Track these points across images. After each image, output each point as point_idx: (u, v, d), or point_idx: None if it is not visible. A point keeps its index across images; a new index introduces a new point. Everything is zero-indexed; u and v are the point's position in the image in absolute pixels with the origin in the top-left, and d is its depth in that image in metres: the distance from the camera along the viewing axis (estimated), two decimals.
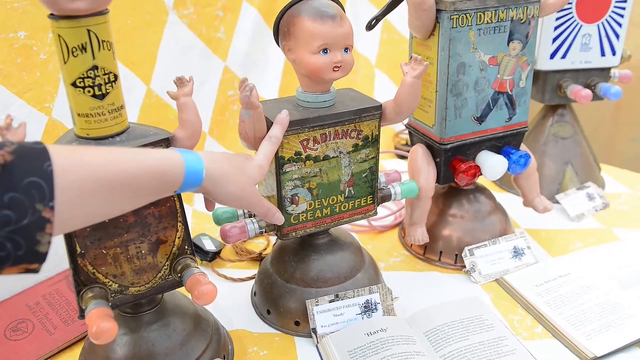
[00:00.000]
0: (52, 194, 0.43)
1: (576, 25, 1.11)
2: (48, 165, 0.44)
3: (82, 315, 0.62)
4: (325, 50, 0.71)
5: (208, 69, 1.27)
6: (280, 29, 0.74)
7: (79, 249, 0.61)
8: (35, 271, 0.45)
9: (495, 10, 0.85)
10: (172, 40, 1.18)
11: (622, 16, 1.13)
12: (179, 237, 0.68)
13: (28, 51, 0.93)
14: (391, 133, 1.53)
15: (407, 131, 1.51)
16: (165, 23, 1.17)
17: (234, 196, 0.62)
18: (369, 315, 0.82)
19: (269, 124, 0.72)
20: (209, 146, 1.27)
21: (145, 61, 1.14)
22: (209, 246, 1.03)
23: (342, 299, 0.82)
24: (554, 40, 1.12)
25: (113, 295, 0.65)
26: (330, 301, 0.81)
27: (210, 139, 1.28)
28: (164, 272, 0.68)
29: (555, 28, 1.11)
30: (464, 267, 0.97)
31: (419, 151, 0.95)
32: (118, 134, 0.62)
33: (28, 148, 0.44)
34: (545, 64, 1.14)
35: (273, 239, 1.09)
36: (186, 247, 0.69)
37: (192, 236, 0.72)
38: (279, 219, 0.72)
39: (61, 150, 0.46)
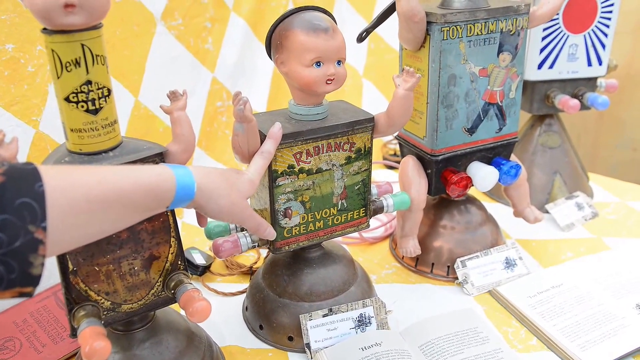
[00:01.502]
0: (44, 215, 0.43)
1: (563, 36, 1.13)
2: (39, 186, 0.43)
3: (73, 334, 0.61)
4: (318, 63, 0.71)
5: (196, 80, 1.27)
6: (273, 42, 0.74)
7: (71, 266, 0.61)
8: (29, 295, 0.44)
9: (485, 22, 0.86)
10: (160, 51, 1.18)
11: (607, 26, 1.15)
12: (172, 253, 0.67)
13: (16, 64, 0.92)
14: (379, 143, 1.54)
15: (395, 141, 1.53)
16: (153, 34, 1.17)
17: (225, 211, 0.62)
18: (363, 329, 0.82)
19: (263, 138, 0.72)
20: (197, 157, 1.27)
21: (134, 72, 1.14)
22: (199, 260, 1.02)
23: (335, 313, 0.82)
24: (542, 50, 1.14)
25: (105, 313, 0.64)
26: (324, 315, 0.81)
27: (199, 150, 1.28)
28: (157, 288, 0.67)
29: (543, 38, 1.13)
30: (456, 278, 0.98)
31: (410, 163, 0.95)
32: (111, 149, 0.61)
33: (19, 169, 0.44)
34: (532, 74, 1.16)
35: (263, 252, 1.09)
36: (179, 263, 0.69)
37: None
38: (270, 234, 0.72)
39: (52, 170, 0.46)
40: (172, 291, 0.67)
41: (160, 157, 0.63)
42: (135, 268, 0.65)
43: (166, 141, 0.67)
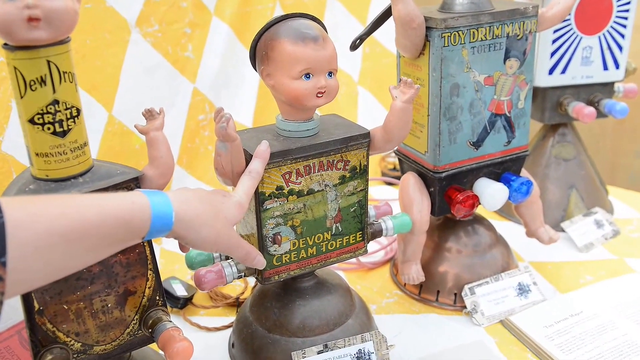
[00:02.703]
0: (3, 250, 0.43)
1: (575, 38, 1.14)
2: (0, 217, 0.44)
3: None
4: (307, 75, 0.72)
5: (175, 92, 1.27)
6: (258, 53, 0.75)
7: (37, 305, 0.61)
8: None
9: (490, 27, 0.87)
10: (135, 61, 1.18)
11: (624, 27, 1.16)
12: (149, 287, 0.67)
13: None
14: (377, 157, 1.55)
15: (394, 154, 1.53)
16: (127, 42, 1.17)
17: (209, 240, 0.62)
18: None
19: (248, 157, 0.73)
20: (178, 177, 1.27)
21: (106, 85, 1.15)
22: (180, 291, 1.02)
23: (331, 350, 0.81)
24: (552, 54, 1.15)
25: (75, 355, 0.64)
26: (319, 352, 0.81)
27: (180, 169, 1.28)
28: (133, 327, 0.67)
29: (554, 41, 1.14)
30: (465, 307, 0.98)
31: (411, 180, 0.96)
32: (81, 174, 0.62)
33: None
34: (543, 80, 1.17)
35: (251, 280, 1.09)
36: (157, 298, 0.69)
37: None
38: (260, 262, 0.72)
39: (13, 201, 0.46)
40: (150, 330, 0.67)
41: (135, 183, 0.64)
42: (109, 305, 0.65)
43: (143, 159, 0.68)
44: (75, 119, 0.60)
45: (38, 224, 0.47)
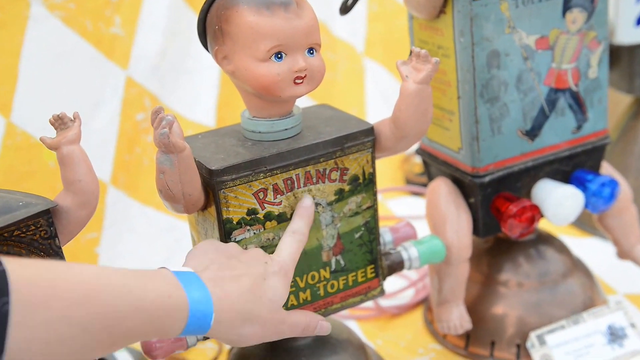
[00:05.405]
0: (2, 345, 0.47)
1: None
2: (3, 304, 0.47)
3: None
4: (278, 55, 0.74)
5: (102, 83, 1.29)
6: (209, 28, 0.78)
7: None
8: None
9: None
10: (40, 45, 1.21)
11: None
12: None
13: None
14: (398, 157, 1.56)
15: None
16: (26, 19, 1.20)
17: (254, 338, 0.69)
18: None
19: (204, 173, 0.75)
20: (113, 202, 1.30)
21: (1, 81, 1.18)
22: None
23: None
24: None
25: None
26: None
27: (115, 191, 1.30)
28: None
29: None
30: None
31: (442, 189, 0.97)
32: None
33: None
34: (628, 34, 1.19)
35: None
36: None
37: None
38: (324, 328, 0.77)
39: (23, 277, 0.49)
40: None
41: (45, 217, 0.66)
42: None
43: (60, 181, 0.71)
44: None
45: (54, 309, 0.50)
